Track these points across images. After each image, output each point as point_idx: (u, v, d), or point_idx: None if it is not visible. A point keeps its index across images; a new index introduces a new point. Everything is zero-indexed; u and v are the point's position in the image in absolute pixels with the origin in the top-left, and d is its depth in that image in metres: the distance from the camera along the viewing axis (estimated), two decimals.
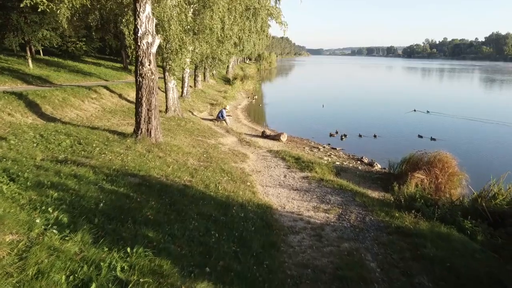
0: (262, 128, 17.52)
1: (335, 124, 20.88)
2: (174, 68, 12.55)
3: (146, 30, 8.27)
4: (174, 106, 14.43)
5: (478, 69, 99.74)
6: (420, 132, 18.10)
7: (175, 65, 12.51)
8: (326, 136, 17.26)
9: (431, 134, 17.33)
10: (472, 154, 14.49)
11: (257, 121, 20.36)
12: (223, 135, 13.41)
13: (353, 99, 34.02)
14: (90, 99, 13.26)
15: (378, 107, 28.75)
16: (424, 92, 41.94)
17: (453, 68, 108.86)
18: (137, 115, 8.66)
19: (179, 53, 12.49)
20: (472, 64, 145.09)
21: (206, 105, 20.96)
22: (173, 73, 12.70)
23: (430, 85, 54.44)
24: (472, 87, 51.35)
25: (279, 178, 8.81)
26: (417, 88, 47.53)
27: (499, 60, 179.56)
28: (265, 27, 42.14)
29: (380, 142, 16.78)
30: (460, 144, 16.83)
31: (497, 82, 57.04)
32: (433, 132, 17.94)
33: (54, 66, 21.27)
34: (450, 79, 66.15)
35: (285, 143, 14.11)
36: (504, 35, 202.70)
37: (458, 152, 12.43)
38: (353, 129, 18.71)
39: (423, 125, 20.64)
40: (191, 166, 7.99)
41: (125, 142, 8.37)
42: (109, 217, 4.29)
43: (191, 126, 13.47)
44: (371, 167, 11.52)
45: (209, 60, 21.49)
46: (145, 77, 8.42)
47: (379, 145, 16.13)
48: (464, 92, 43.47)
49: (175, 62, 12.47)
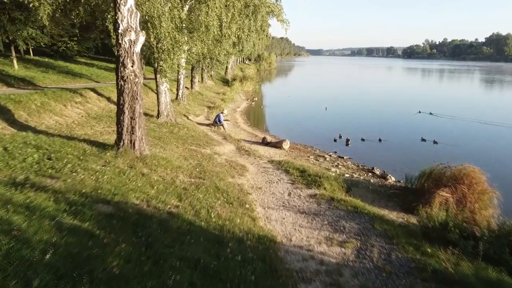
0: (263, 134, 16.37)
1: (337, 126, 19.95)
2: (165, 69, 11.39)
3: (128, 26, 7.10)
4: (166, 111, 13.26)
5: (480, 70, 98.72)
6: (424, 134, 17.46)
7: (167, 66, 11.35)
8: (330, 141, 16.17)
9: (434, 137, 16.79)
10: (485, 159, 13.35)
11: (257, 125, 19.20)
12: (219, 143, 12.23)
13: (354, 99, 33.04)
14: (74, 104, 12.06)
15: (380, 108, 27.99)
16: (426, 93, 40.89)
17: (455, 69, 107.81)
18: (118, 124, 7.49)
19: (172, 53, 11.33)
20: (474, 64, 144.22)
21: (202, 108, 19.77)
22: (164, 75, 11.54)
23: (432, 86, 53.34)
24: (476, 88, 50.25)
25: (283, 197, 7.64)
26: (419, 89, 46.42)
27: (500, 60, 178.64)
28: (265, 26, 41.10)
29: (386, 147, 15.71)
30: (470, 148, 16.00)
31: (505, 83, 55.99)
32: (437, 135, 17.41)
33: (43, 66, 20.08)
34: (452, 80, 65.05)
35: (288, 151, 12.94)
36: (505, 35, 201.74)
37: (470, 158, 11.63)
38: (356, 132, 17.93)
39: (426, 128, 20.18)
40: (180, 185, 6.82)
41: (104, 156, 7.19)
42: (57, 275, 3.12)
43: (184, 133, 12.29)
44: (384, 180, 10.36)
45: (207, 61, 20.32)
46: (128, 80, 7.25)
47: (386, 150, 15.05)
48: (468, 94, 42.37)
49: (167, 63, 11.31)
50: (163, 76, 11.71)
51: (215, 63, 21.53)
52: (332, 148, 15.06)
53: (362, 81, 56.10)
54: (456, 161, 13.74)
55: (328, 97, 34.44)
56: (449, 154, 14.78)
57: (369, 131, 18.57)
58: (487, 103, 33.03)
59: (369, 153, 14.37)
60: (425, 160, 13.44)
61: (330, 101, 30.47)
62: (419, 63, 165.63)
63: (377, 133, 17.86)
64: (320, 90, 41.55)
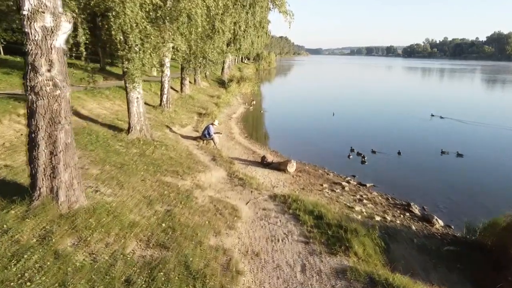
0: (262, 149, 13.58)
1: (345, 134, 17.52)
2: (133, 72, 8.56)
3: (41, 4, 4.30)
4: (140, 124, 10.43)
5: (486, 70, 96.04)
6: (441, 144, 15.23)
7: (135, 68, 8.52)
8: (342, 157, 13.45)
9: (455, 147, 14.60)
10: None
11: (255, 136, 16.40)
12: (206, 167, 9.42)
13: (359, 101, 30.58)
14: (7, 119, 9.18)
15: (388, 111, 25.78)
16: (434, 94, 38.32)
17: (460, 68, 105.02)
18: (31, 163, 4.69)
19: (142, 50, 8.53)
20: (478, 64, 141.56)
21: (191, 116, 16.93)
22: (132, 79, 8.72)
23: (439, 86, 50.55)
24: (489, 89, 47.54)
25: (294, 275, 4.86)
26: (425, 90, 43.61)
27: (502, 59, 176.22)
28: (265, 23, 38.16)
29: (406, 163, 13.09)
30: (505, 161, 13.52)
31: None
32: (456, 144, 15.36)
33: (8, 67, 17.26)
34: (460, 80, 62.25)
35: (294, 175, 10.15)
36: (507, 34, 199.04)
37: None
38: (367, 141, 15.60)
39: (441, 134, 18.08)
40: (123, 273, 4.01)
41: (6, 216, 4.40)
42: None
43: (160, 154, 9.48)
44: (429, 225, 7.58)
45: (198, 60, 17.44)
46: (42, 93, 4.44)
47: (409, 169, 12.41)
48: (480, 95, 39.70)
49: (133, 64, 8.49)
50: (130, 82, 8.91)
51: (208, 62, 18.74)
52: (346, 165, 12.35)
53: (365, 81, 53.37)
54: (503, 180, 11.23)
55: (331, 98, 31.79)
56: (486, 172, 12.19)
57: (381, 139, 16.41)
58: (502, 106, 30.43)
59: (391, 174, 11.66)
60: (465, 185, 10.79)
61: (334, 104, 28.23)
62: (420, 62, 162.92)
63: (390, 141, 15.87)
64: (322, 90, 38.78)
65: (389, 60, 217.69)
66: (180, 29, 9.00)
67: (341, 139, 16.26)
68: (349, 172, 11.45)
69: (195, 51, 14.15)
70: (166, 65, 15.92)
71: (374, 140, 16.32)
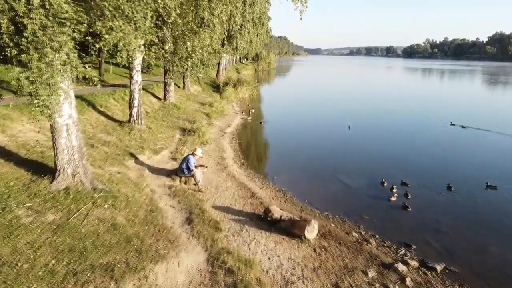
0: (263, 188, 9.73)
1: (367, 154, 13.77)
2: (23, 81, 4.72)
3: None
4: (72, 165, 6.56)
5: (494, 71, 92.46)
6: (477, 168, 12.23)
7: (32, 74, 4.68)
8: (373, 193, 9.69)
9: (498, 177, 10.90)
10: None
11: (254, 162, 12.58)
12: (172, 244, 5.59)
13: (370, 107, 26.97)
14: None
15: (402, 118, 22.55)
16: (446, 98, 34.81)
17: (467, 69, 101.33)
18: None
19: (45, 44, 4.72)
20: (483, 65, 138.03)
21: (172, 134, 13.04)
22: (25, 90, 4.86)
23: (449, 89, 46.84)
24: (503, 92, 43.94)
25: None
26: (435, 93, 39.84)
27: (504, 60, 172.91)
28: (265, 19, 34.02)
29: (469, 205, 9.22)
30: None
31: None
32: (494, 167, 12.14)
33: None
34: (470, 83, 58.54)
35: (317, 247, 6.34)
36: (508, 34, 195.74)
37: None
38: (391, 164, 12.59)
39: (470, 151, 14.79)
40: None
41: None
42: None
43: (98, 221, 5.65)
44: None
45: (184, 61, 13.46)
46: None
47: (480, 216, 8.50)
48: (499, 101, 36.02)
49: (33, 72, 4.66)
50: (19, 94, 5.08)
51: (197, 64, 14.91)
52: (384, 212, 8.55)
53: (371, 86, 49.46)
54: None
55: (340, 104, 28.07)
56: None
57: (406, 160, 13.27)
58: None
59: (455, 232, 7.81)
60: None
61: (344, 111, 24.91)
62: (422, 62, 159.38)
63: (417, 162, 12.84)
64: (328, 95, 34.94)
65: (390, 60, 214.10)
66: (125, 10, 5.12)
67: (365, 165, 12.47)
68: (389, 227, 7.68)
69: (178, 49, 10.62)
70: (136, 69, 12.09)
71: (398, 162, 12.86)
